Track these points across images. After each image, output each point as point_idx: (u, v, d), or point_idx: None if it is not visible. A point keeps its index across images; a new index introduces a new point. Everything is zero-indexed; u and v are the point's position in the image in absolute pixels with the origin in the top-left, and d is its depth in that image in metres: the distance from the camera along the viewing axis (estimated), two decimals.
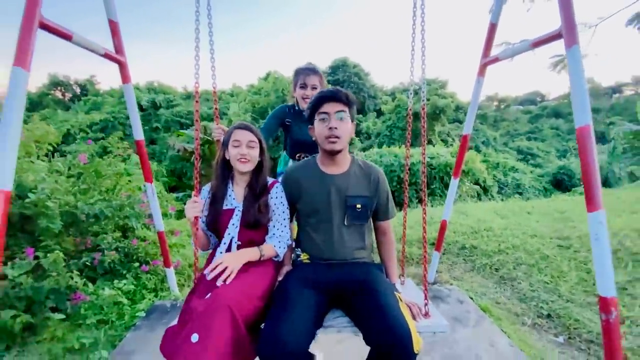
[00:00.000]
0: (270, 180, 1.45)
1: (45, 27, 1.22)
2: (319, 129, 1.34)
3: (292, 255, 1.50)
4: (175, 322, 1.17)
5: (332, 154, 1.36)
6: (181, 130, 13.07)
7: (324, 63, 24.93)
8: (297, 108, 2.03)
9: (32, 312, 2.02)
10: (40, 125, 3.18)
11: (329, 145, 1.32)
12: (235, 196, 1.41)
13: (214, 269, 1.16)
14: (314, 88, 1.93)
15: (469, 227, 3.76)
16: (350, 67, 23.36)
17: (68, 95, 29.73)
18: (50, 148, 3.19)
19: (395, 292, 1.21)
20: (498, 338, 1.96)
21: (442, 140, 15.58)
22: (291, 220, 1.47)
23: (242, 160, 1.33)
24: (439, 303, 2.34)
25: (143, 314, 2.24)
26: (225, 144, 1.37)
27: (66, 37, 1.34)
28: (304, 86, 1.95)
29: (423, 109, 1.50)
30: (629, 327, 2.07)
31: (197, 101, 1.49)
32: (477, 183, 9.38)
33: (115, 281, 2.55)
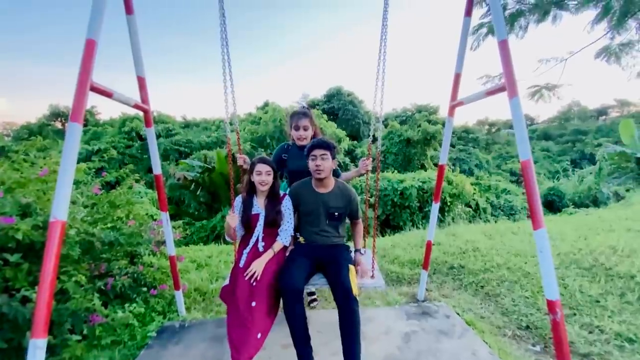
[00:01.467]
0: (281, 193, 2.24)
1: (94, 89, 1.53)
2: (310, 165, 2.14)
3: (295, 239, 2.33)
4: (227, 281, 2.05)
5: (320, 180, 2.17)
6: (182, 160, 13.40)
7: (319, 92, 25.88)
8: (292, 146, 2.52)
9: (53, 334, 2.20)
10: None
11: (316, 175, 2.14)
12: (259, 204, 2.19)
13: (251, 273, 1.91)
14: (305, 129, 2.44)
15: (458, 248, 4.00)
16: (345, 95, 24.32)
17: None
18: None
19: (350, 265, 1.99)
20: (479, 347, 2.16)
21: (434, 164, 16.03)
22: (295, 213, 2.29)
23: (263, 184, 2.13)
24: (427, 318, 2.55)
25: (154, 334, 2.42)
26: (250, 171, 2.16)
27: (108, 95, 1.66)
28: (297, 128, 2.43)
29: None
30: (597, 335, 2.27)
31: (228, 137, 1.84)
32: (469, 205, 9.67)
33: (127, 304, 2.73)
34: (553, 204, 13.67)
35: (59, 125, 29.94)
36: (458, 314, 2.62)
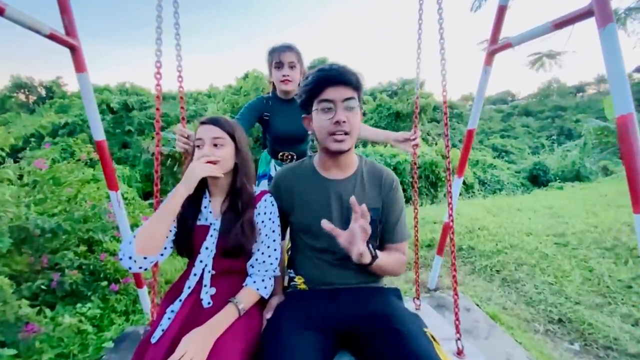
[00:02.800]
0: (258, 189, 1.15)
1: None
2: (320, 123, 1.02)
3: (285, 278, 1.22)
4: None
5: (337, 155, 1.08)
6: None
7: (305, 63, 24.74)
8: (275, 96, 1.72)
9: None
10: None
11: (335, 144, 1.02)
12: (212, 209, 1.11)
13: None
14: (292, 67, 1.62)
15: (464, 227, 3.65)
16: None
17: (32, 97, 27.93)
18: (3, 154, 2.79)
19: (425, 329, 0.92)
20: (513, 350, 1.79)
21: (423, 139, 15.75)
22: (283, 237, 1.18)
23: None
24: (444, 312, 2.17)
25: (111, 344, 1.92)
26: (193, 150, 1.09)
27: None
28: (280, 65, 1.61)
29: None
30: None
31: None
32: None
33: (79, 305, 2.20)
34: (538, 179, 13.76)
35: (22, 97, 27.57)
36: (478, 305, 2.26)
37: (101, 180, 3.36)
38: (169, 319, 0.94)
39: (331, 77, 1.00)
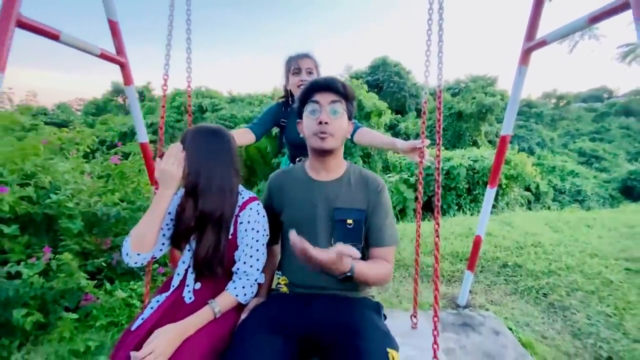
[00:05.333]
0: (247, 196, 1.14)
1: (24, 25, 1.17)
2: (307, 122, 1.12)
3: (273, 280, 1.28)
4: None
5: (322, 155, 1.13)
6: None
7: (363, 64, 24.56)
8: (291, 103, 1.77)
9: (46, 311, 2.07)
10: (79, 129, 3.35)
11: (318, 142, 1.09)
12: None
13: (143, 356, 0.84)
14: (309, 72, 1.67)
15: (514, 242, 3.30)
16: (391, 66, 22.71)
17: (128, 101, 32.48)
18: (88, 150, 3.36)
19: (389, 350, 0.89)
20: None
21: (489, 141, 14.45)
22: (276, 241, 1.25)
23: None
24: (469, 332, 2.01)
25: None
26: None
27: (53, 36, 1.29)
28: (298, 71, 1.68)
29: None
30: None
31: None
32: (528, 189, 8.48)
33: (132, 282, 2.57)
34: (632, 190, 11.65)
35: (120, 101, 32.28)
36: (511, 329, 2.05)
37: None
38: (151, 308, 1.03)
39: (319, 84, 1.12)
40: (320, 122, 1.07)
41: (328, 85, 1.10)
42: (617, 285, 2.42)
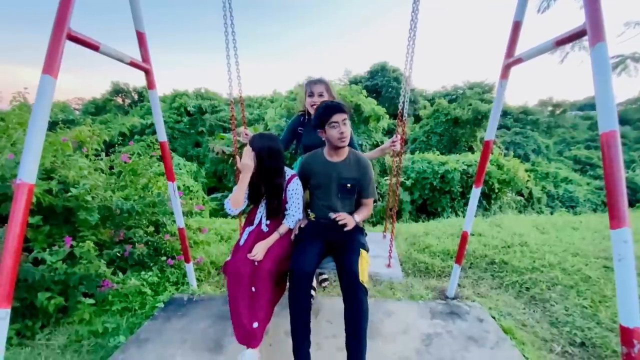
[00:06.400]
0: (289, 173, 1.96)
1: (73, 38, 1.36)
2: (331, 133, 1.83)
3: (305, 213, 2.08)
4: (229, 257, 1.80)
5: (339, 148, 1.89)
6: (222, 134, 13.71)
7: (362, 69, 24.83)
8: (307, 116, 2.33)
9: (66, 296, 2.24)
10: (92, 128, 3.52)
11: (340, 143, 1.84)
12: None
13: (252, 256, 1.74)
14: (320, 95, 2.21)
15: (502, 241, 3.50)
16: (390, 71, 23.04)
17: (127, 101, 32.48)
18: (99, 148, 3.53)
19: (361, 249, 1.73)
20: None
21: None
22: (305, 189, 2.05)
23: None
24: (455, 319, 2.20)
25: (162, 305, 2.38)
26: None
27: (94, 47, 1.48)
28: (311, 94, 2.22)
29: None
30: None
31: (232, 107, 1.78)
32: (520, 193, 8.70)
33: (143, 272, 2.74)
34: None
35: (120, 100, 32.35)
36: (494, 317, 2.24)
37: (161, 174, 4.01)
38: (247, 234, 1.90)
39: (335, 109, 1.80)
40: (341, 133, 1.81)
41: (340, 109, 1.80)
42: (595, 280, 2.62)
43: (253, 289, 1.69)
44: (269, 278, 1.70)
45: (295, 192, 1.94)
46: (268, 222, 1.96)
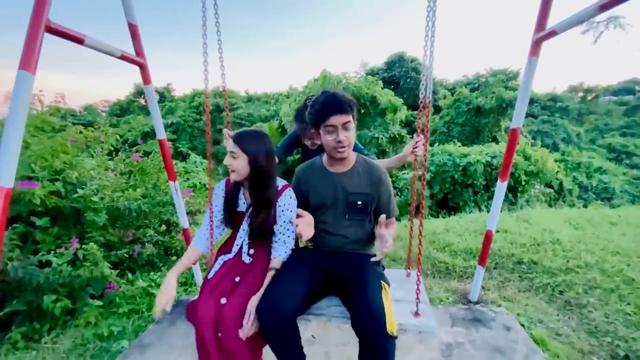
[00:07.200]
0: (281, 184, 1.47)
1: (52, 31, 1.27)
2: (326, 141, 1.37)
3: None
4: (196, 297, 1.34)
5: (338, 158, 1.42)
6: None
7: (379, 60, 24.32)
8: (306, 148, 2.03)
9: (74, 298, 2.21)
10: (103, 129, 3.52)
11: (337, 154, 1.38)
12: (245, 200, 1.48)
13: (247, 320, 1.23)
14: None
15: (531, 238, 3.23)
16: (408, 61, 22.40)
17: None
18: (111, 148, 3.53)
19: (382, 282, 1.28)
20: None
21: None
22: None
23: (230, 169, 1.37)
24: (479, 327, 2.00)
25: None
26: None
27: (78, 40, 1.39)
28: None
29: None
30: None
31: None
32: (550, 185, 8.18)
33: (152, 273, 2.70)
34: None
35: (142, 102, 33.32)
36: (523, 325, 2.03)
37: (179, 172, 3.96)
38: (219, 264, 1.43)
39: (334, 108, 1.31)
40: (339, 142, 1.33)
41: (341, 109, 1.30)
42: (639, 283, 2.34)
43: (219, 334, 1.24)
44: (236, 326, 1.23)
45: (287, 209, 1.42)
46: (251, 251, 1.46)
